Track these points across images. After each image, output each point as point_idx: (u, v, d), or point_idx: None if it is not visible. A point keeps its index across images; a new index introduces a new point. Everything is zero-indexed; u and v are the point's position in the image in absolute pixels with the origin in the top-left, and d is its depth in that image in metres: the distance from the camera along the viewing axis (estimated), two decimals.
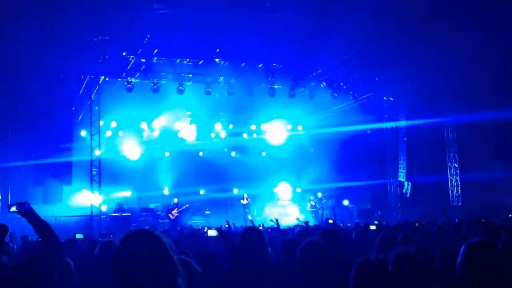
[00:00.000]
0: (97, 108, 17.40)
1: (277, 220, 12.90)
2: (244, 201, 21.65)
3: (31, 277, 3.35)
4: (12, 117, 16.71)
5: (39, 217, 3.63)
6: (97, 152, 17.38)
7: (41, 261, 3.48)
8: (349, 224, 14.50)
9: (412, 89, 19.06)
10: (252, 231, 4.85)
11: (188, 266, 3.64)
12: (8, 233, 4.28)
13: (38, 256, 3.66)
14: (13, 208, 3.65)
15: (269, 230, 10.86)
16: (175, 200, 20.12)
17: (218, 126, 23.79)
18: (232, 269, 4.66)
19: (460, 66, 16.11)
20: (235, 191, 23.36)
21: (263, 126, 24.42)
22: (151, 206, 20.90)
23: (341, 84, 19.52)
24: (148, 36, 14.86)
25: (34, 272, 3.37)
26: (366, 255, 3.57)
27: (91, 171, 17.18)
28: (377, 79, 19.15)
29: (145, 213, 20.40)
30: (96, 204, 17.09)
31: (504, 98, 15.63)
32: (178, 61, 17.12)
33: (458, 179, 20.46)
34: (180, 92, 17.95)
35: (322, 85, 19.42)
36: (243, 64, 17.56)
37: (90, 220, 16.61)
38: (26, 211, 3.64)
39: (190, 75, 17.86)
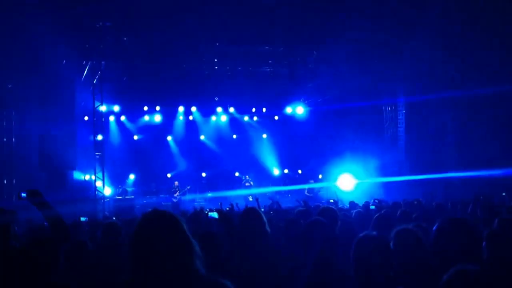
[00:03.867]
0: (99, 93, 17.51)
1: (277, 201, 13.07)
2: (247, 183, 21.87)
3: (38, 259, 3.47)
4: (15, 104, 16.77)
5: (47, 203, 3.78)
6: (100, 137, 17.54)
7: (47, 243, 3.63)
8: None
9: (410, 69, 19.10)
10: (251, 212, 4.96)
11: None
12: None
13: (44, 238, 3.82)
14: (23, 195, 3.81)
15: (271, 212, 11.01)
16: (176, 183, 20.33)
17: (219, 109, 23.86)
18: (232, 249, 4.79)
19: (458, 46, 16.12)
20: (237, 174, 23.55)
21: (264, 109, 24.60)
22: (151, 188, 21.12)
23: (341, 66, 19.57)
24: (149, 20, 14.87)
25: (41, 253, 3.51)
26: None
27: (95, 155, 17.36)
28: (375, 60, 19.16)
29: (148, 196, 20.62)
30: (100, 187, 17.29)
31: (501, 77, 15.66)
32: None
33: (456, 157, 20.59)
34: (182, 75, 18.06)
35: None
36: (243, 47, 17.58)
37: (94, 203, 16.82)
38: (36, 198, 3.80)
39: (191, 59, 17.90)
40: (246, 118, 24.69)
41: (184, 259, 2.31)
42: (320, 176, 22.73)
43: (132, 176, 21.91)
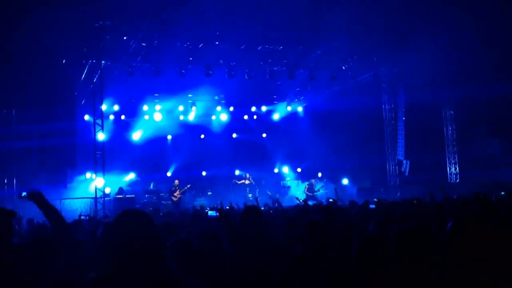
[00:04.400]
0: (99, 92, 17.53)
1: (278, 200, 13.09)
2: (247, 182, 21.88)
3: (39, 256, 3.54)
4: (16, 103, 16.82)
5: (48, 202, 3.81)
6: (100, 136, 17.54)
7: (48, 241, 3.66)
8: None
9: (411, 69, 19.12)
10: (251, 211, 4.98)
11: (191, 246, 3.79)
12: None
13: (44, 236, 3.85)
14: (24, 194, 3.85)
15: (270, 211, 11.03)
16: (176, 182, 20.34)
17: (218, 108, 23.88)
18: (232, 248, 4.82)
19: (458, 45, 16.14)
20: (237, 172, 23.57)
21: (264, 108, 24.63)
22: (151, 187, 21.10)
23: (341, 65, 19.63)
24: (149, 20, 14.89)
25: (41, 251, 3.57)
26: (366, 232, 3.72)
27: (95, 154, 17.37)
28: (375, 59, 19.19)
29: (148, 195, 20.63)
30: (100, 186, 17.30)
31: (501, 76, 15.69)
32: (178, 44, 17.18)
33: (456, 156, 20.66)
34: (181, 75, 18.11)
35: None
36: (242, 47, 17.60)
37: (95, 203, 16.84)
38: (36, 197, 3.82)
39: (191, 58, 17.92)
40: (245, 117, 24.71)
41: (155, 259, 2.31)
42: (319, 175, 22.78)
43: (132, 175, 21.92)
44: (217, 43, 17.03)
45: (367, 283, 3.41)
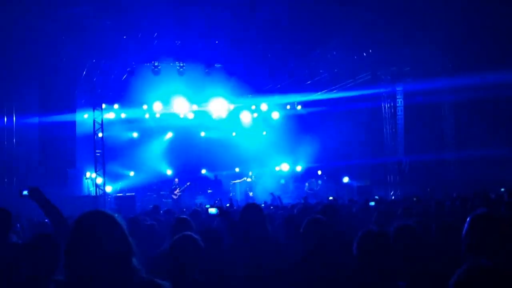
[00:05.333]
0: (99, 91, 17.55)
1: (279, 197, 13.12)
2: (248, 179, 21.94)
3: (38, 254, 3.54)
4: (16, 102, 16.78)
5: (48, 201, 3.82)
6: (100, 134, 17.57)
7: (47, 240, 3.67)
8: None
9: (410, 67, 19.13)
10: (251, 208, 4.99)
11: (195, 242, 3.80)
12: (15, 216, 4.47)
13: (44, 234, 3.86)
14: (25, 193, 3.87)
15: (271, 207, 11.06)
16: (176, 180, 20.38)
17: (218, 106, 23.82)
18: (233, 245, 4.83)
19: (457, 43, 16.14)
20: (237, 169, 23.60)
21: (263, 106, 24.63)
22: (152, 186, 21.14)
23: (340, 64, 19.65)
24: (148, 20, 14.88)
25: (41, 249, 3.56)
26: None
27: (95, 153, 17.39)
28: (375, 57, 19.19)
29: (148, 193, 20.66)
30: (100, 185, 17.35)
31: (501, 74, 15.68)
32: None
33: (456, 154, 20.64)
34: (181, 73, 18.11)
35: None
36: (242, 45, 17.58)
37: (95, 201, 16.86)
38: (37, 195, 3.84)
39: (190, 57, 17.93)
40: (246, 114, 24.69)
41: (121, 258, 2.26)
42: (319, 172, 22.79)
43: (131, 173, 21.93)
44: (217, 41, 17.05)
45: (366, 280, 3.41)
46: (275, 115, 24.79)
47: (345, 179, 22.19)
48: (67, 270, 2.25)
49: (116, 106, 21.55)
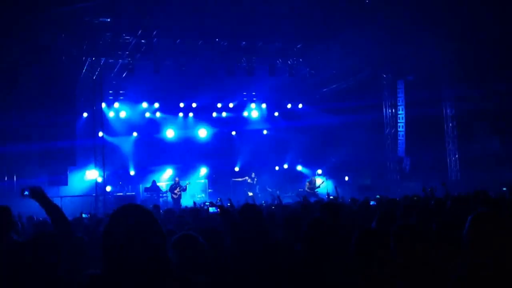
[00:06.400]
0: (99, 89, 17.53)
1: (278, 196, 13.11)
2: (249, 180, 21.94)
3: (39, 252, 3.54)
4: (16, 101, 16.80)
5: (50, 200, 3.83)
6: (100, 133, 17.58)
7: (48, 238, 3.67)
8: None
9: (411, 65, 19.13)
10: (250, 208, 4.99)
11: (197, 241, 3.80)
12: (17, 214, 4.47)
13: (45, 233, 3.87)
14: (26, 192, 3.87)
15: (272, 207, 11.05)
16: (177, 179, 20.37)
17: (219, 105, 23.84)
18: (233, 244, 4.83)
19: (458, 42, 16.15)
20: (236, 169, 23.60)
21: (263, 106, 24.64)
22: (148, 185, 21.10)
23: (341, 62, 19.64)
24: (148, 17, 14.87)
25: (42, 247, 3.57)
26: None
27: (95, 151, 17.39)
28: (376, 56, 19.18)
29: (148, 192, 20.65)
30: (101, 184, 17.35)
31: (501, 73, 15.70)
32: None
33: (457, 153, 20.64)
34: (180, 72, 18.10)
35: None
36: (243, 43, 17.57)
37: (95, 200, 16.87)
38: (38, 194, 3.84)
39: (190, 55, 17.92)
40: (245, 113, 24.70)
41: (159, 251, 2.28)
42: (319, 171, 22.78)
43: (132, 173, 21.93)
44: (217, 40, 17.05)
45: (366, 279, 3.41)
46: (276, 114, 24.82)
47: (345, 178, 22.17)
48: (106, 264, 2.25)
49: (116, 104, 21.53)
